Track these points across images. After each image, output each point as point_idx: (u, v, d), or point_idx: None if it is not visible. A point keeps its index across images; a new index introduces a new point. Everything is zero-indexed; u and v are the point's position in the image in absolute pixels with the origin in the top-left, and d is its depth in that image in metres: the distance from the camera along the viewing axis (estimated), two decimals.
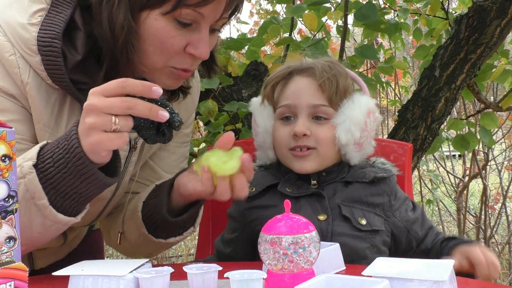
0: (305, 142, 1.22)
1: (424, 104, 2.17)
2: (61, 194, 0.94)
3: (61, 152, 0.93)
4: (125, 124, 0.90)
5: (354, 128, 1.23)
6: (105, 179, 0.95)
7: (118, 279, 0.85)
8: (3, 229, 0.73)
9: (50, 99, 1.08)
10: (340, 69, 1.30)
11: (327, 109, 1.24)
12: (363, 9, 2.01)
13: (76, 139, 0.92)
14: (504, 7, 2.08)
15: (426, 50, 2.52)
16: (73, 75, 1.05)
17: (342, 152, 1.26)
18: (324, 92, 1.24)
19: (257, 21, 4.51)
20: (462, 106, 3.57)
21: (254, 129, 1.36)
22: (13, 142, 0.74)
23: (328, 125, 1.24)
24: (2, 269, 0.71)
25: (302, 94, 1.25)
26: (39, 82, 1.06)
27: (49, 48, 1.03)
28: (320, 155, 1.24)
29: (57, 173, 0.92)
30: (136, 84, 0.90)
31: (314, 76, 1.26)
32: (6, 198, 0.73)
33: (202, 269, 0.86)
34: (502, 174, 4.01)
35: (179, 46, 1.03)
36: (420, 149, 2.19)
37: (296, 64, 1.32)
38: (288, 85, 1.29)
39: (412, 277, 0.78)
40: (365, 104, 1.26)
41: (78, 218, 0.99)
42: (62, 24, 1.04)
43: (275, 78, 1.32)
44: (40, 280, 0.98)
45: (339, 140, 1.23)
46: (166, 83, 1.09)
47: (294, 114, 1.25)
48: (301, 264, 0.83)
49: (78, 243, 1.40)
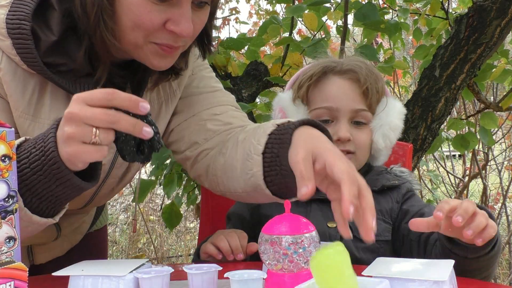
0: (347, 147, 1.21)
1: (424, 104, 2.17)
2: (37, 196, 0.90)
3: (37, 153, 0.88)
4: (105, 138, 0.84)
5: (392, 134, 1.25)
6: (82, 184, 0.90)
7: (118, 279, 0.85)
8: (3, 229, 0.73)
9: (27, 85, 1.03)
10: (377, 72, 1.30)
11: (367, 114, 1.25)
12: (363, 9, 2.01)
13: (53, 142, 0.87)
14: (504, 7, 2.08)
15: (426, 50, 2.53)
16: (48, 57, 1.00)
17: (375, 156, 1.28)
18: (367, 98, 1.25)
19: (256, 21, 4.51)
20: (462, 106, 3.56)
21: None
22: (13, 142, 0.74)
23: (367, 130, 1.25)
24: (2, 269, 0.71)
25: (345, 98, 1.24)
26: (14, 68, 1.01)
27: (18, 30, 0.98)
28: (358, 160, 1.24)
29: (33, 175, 0.88)
30: (123, 97, 0.84)
31: (357, 80, 1.25)
32: (6, 198, 0.73)
33: (202, 269, 0.86)
34: (502, 174, 4.01)
35: (158, 21, 0.96)
36: (420, 149, 2.19)
37: (330, 63, 1.29)
38: (325, 86, 1.27)
39: (412, 277, 0.78)
40: (400, 109, 1.28)
41: (56, 219, 0.95)
42: (33, 4, 0.99)
43: (309, 77, 1.28)
44: (40, 280, 0.98)
45: (377, 144, 1.24)
46: (153, 62, 1.03)
47: (334, 117, 1.23)
48: (301, 264, 0.83)
49: (80, 239, 1.39)
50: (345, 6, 2.11)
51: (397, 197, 1.23)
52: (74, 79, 1.03)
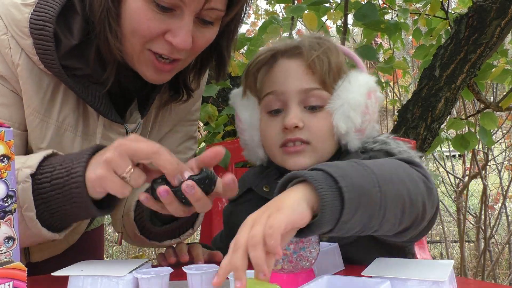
0: (297, 135, 1.06)
1: (424, 104, 2.17)
2: (50, 210, 0.91)
3: (62, 172, 0.89)
4: (135, 178, 0.85)
5: (353, 113, 1.06)
6: (95, 211, 0.91)
7: (117, 280, 0.85)
8: (1, 229, 0.73)
9: (42, 84, 1.04)
10: (330, 44, 1.13)
11: (321, 93, 1.08)
12: (363, 9, 2.01)
13: (84, 164, 0.88)
14: (504, 7, 2.08)
15: (426, 50, 2.53)
16: (66, 60, 1.01)
17: (342, 142, 1.10)
18: (315, 73, 1.08)
19: (254, 21, 4.51)
20: (462, 106, 3.56)
21: (237, 126, 1.19)
22: (12, 141, 0.74)
23: (323, 114, 1.08)
24: (1, 269, 0.71)
25: (290, 79, 1.09)
26: (31, 66, 1.02)
27: (41, 31, 0.99)
28: (316, 150, 1.08)
29: (51, 191, 0.89)
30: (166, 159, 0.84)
31: (301, 55, 1.10)
32: (4, 198, 0.73)
33: (202, 269, 0.86)
34: (502, 174, 4.01)
35: (157, 30, 0.96)
36: (420, 149, 2.18)
37: (280, 45, 1.15)
38: (273, 70, 1.12)
39: (412, 277, 0.78)
40: (364, 83, 1.09)
41: (61, 236, 0.96)
42: (58, 7, 1.00)
43: (257, 63, 1.15)
44: (39, 280, 0.98)
45: (338, 129, 1.07)
46: (147, 74, 1.03)
47: (283, 104, 1.09)
48: (300, 264, 0.83)
49: (77, 238, 1.39)
50: (345, 6, 2.11)
51: None
52: (87, 85, 1.05)
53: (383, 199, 0.78)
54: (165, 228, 1.06)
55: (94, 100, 1.06)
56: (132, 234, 1.14)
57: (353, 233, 0.80)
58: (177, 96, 1.17)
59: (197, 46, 1.02)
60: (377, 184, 0.78)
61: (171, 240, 1.12)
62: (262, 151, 1.16)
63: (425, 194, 0.87)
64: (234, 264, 0.67)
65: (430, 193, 0.89)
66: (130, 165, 0.84)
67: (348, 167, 0.79)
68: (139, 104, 1.14)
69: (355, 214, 0.75)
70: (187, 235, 1.13)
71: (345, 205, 0.73)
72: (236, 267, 0.67)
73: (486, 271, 3.57)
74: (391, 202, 0.80)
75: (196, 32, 0.99)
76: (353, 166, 0.80)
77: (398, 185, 0.82)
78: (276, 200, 0.74)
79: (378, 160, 0.88)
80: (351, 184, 0.75)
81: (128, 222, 1.14)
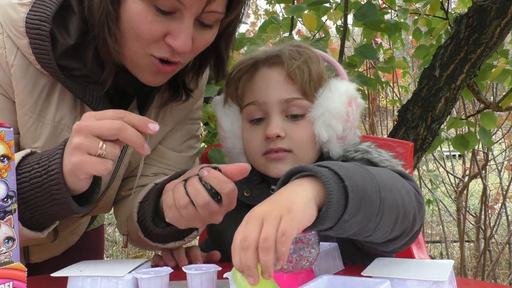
0: (278, 145, 1.07)
1: (424, 104, 2.17)
2: (30, 209, 0.90)
3: (40, 170, 0.88)
4: (111, 152, 0.85)
5: (335, 122, 1.07)
6: (76, 208, 0.90)
7: (117, 280, 0.85)
8: (1, 229, 0.73)
9: (38, 83, 1.03)
10: (310, 52, 1.13)
11: (301, 102, 1.09)
12: (363, 8, 2.01)
13: (59, 160, 0.87)
14: (504, 7, 2.08)
15: (426, 49, 2.52)
16: (63, 60, 1.00)
17: (324, 150, 1.11)
18: (296, 83, 1.09)
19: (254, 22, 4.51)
20: (462, 106, 3.57)
21: (220, 134, 1.19)
22: (12, 142, 0.74)
23: (305, 122, 1.09)
24: (1, 269, 0.71)
25: (271, 89, 1.09)
26: (27, 66, 1.01)
27: (37, 31, 0.98)
28: (298, 158, 1.08)
29: (30, 190, 0.88)
30: (134, 117, 0.86)
31: (281, 65, 1.10)
32: (4, 198, 0.73)
33: (201, 269, 0.86)
34: (502, 174, 4.01)
35: (157, 33, 0.95)
36: (420, 149, 2.18)
37: (260, 53, 1.16)
38: (254, 79, 1.13)
39: (412, 277, 0.78)
40: (344, 91, 1.10)
41: (44, 234, 0.95)
42: (54, 7, 1.00)
43: (238, 72, 1.16)
44: (39, 280, 0.98)
45: (319, 137, 1.08)
46: (146, 77, 1.03)
47: (265, 113, 1.10)
48: (300, 264, 0.83)
49: (77, 239, 1.39)
50: (345, 6, 2.11)
51: None
52: (85, 85, 1.04)
53: (381, 205, 0.79)
54: (168, 229, 1.04)
55: (92, 100, 1.05)
56: (136, 237, 1.13)
57: (349, 234, 0.81)
58: (176, 95, 1.17)
59: (196, 48, 1.01)
60: (377, 190, 0.79)
61: (175, 242, 1.09)
62: (244, 158, 1.17)
63: (416, 207, 0.89)
64: (246, 264, 0.68)
65: (420, 207, 0.91)
66: (100, 142, 0.84)
67: (351, 167, 0.80)
68: (138, 104, 1.14)
69: (356, 215, 0.76)
70: (192, 237, 1.10)
71: (349, 204, 0.74)
72: (248, 266, 0.68)
73: (486, 271, 3.57)
74: (387, 209, 0.81)
75: (196, 34, 0.98)
76: (356, 168, 0.81)
77: (395, 194, 0.83)
78: (285, 196, 0.74)
79: (375, 168, 0.88)
80: (355, 185, 0.76)
81: (132, 225, 1.13)
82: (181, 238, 1.09)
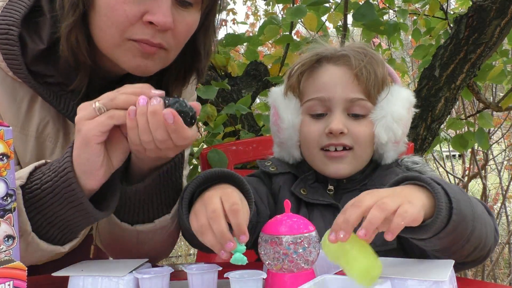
0: (341, 140, 1.09)
1: (424, 104, 2.17)
2: (47, 220, 0.87)
3: (51, 174, 0.86)
4: (107, 103, 0.83)
5: (396, 125, 1.10)
6: (94, 211, 0.88)
7: (117, 279, 0.85)
8: (1, 227, 0.73)
9: (16, 95, 0.99)
10: (375, 55, 1.16)
11: (365, 103, 1.11)
12: (361, 9, 2.01)
13: (69, 162, 0.85)
14: (504, 7, 2.08)
15: (425, 49, 2.53)
16: (36, 66, 0.97)
17: (379, 152, 1.14)
18: (361, 83, 1.11)
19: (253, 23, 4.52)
20: (461, 106, 3.57)
21: (276, 125, 1.18)
22: (11, 140, 0.74)
23: (366, 122, 1.11)
24: (1, 268, 0.71)
25: (337, 86, 1.11)
26: (3, 77, 0.98)
27: (6, 36, 0.95)
28: (357, 156, 1.11)
29: (43, 197, 0.85)
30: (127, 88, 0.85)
31: (349, 64, 1.12)
32: (4, 196, 0.73)
33: (202, 269, 0.86)
34: (502, 174, 4.01)
35: (133, 13, 0.91)
36: (420, 149, 2.19)
37: (325, 50, 1.17)
38: (318, 75, 1.14)
39: (412, 277, 0.77)
40: (406, 97, 1.13)
41: (66, 248, 0.92)
42: (23, 10, 0.97)
43: (301, 66, 1.17)
44: (40, 280, 0.97)
45: (379, 138, 1.10)
46: (131, 64, 0.97)
47: (327, 109, 1.12)
48: (301, 264, 0.83)
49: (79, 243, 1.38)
50: (345, 6, 2.11)
51: None
52: (61, 94, 1.00)
53: (470, 233, 0.87)
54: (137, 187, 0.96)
55: (68, 109, 1.01)
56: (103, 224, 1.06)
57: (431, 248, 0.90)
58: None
59: (179, 33, 0.97)
60: (472, 219, 0.87)
61: (144, 224, 1.00)
62: (298, 151, 1.17)
63: (493, 243, 0.97)
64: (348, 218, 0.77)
65: (495, 244, 0.98)
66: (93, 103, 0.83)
67: (457, 190, 0.87)
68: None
69: (449, 235, 0.85)
70: (163, 221, 1.01)
71: (448, 225, 0.83)
72: (348, 220, 0.77)
73: (486, 271, 3.57)
74: (473, 238, 0.89)
75: (176, 15, 0.94)
76: (461, 193, 0.88)
77: (482, 226, 0.91)
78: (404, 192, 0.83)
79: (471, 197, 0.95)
80: (459, 210, 0.83)
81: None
82: (151, 220, 1.01)
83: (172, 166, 0.98)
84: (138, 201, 0.99)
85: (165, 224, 1.02)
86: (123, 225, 1.01)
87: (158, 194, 0.99)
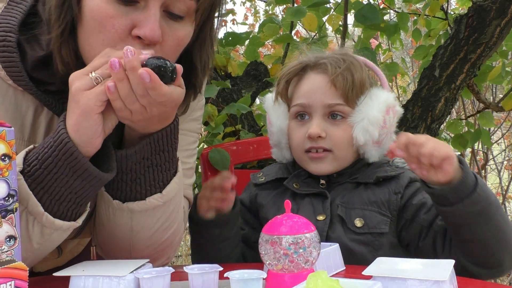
0: (320, 144, 1.19)
1: (424, 104, 2.17)
2: (55, 197, 0.87)
3: (47, 151, 0.86)
4: (102, 73, 0.85)
5: (372, 128, 1.17)
6: (100, 174, 0.88)
7: (118, 279, 0.85)
8: (3, 228, 0.73)
9: (19, 107, 0.97)
10: (354, 61, 1.23)
11: (343, 108, 1.19)
12: (363, 10, 2.00)
13: (65, 133, 0.85)
14: (504, 7, 2.08)
15: (426, 50, 2.53)
16: (36, 73, 0.96)
17: (360, 152, 1.22)
18: (338, 89, 1.18)
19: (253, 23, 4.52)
20: (461, 106, 3.57)
21: (268, 128, 1.31)
22: (13, 141, 0.74)
23: (345, 125, 1.19)
24: (3, 268, 0.71)
25: (316, 93, 1.20)
26: (5, 89, 0.96)
27: (3, 43, 0.94)
28: (337, 157, 1.20)
29: (47, 174, 0.85)
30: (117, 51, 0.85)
31: (326, 72, 1.20)
32: (6, 197, 0.73)
33: (203, 269, 0.86)
34: (502, 174, 4.01)
35: (122, 27, 0.88)
36: None
37: (309, 59, 1.26)
38: (302, 82, 1.24)
39: (412, 277, 0.78)
40: (383, 100, 1.19)
41: (79, 222, 0.92)
42: (20, 16, 0.96)
43: (288, 74, 1.26)
44: (41, 280, 0.98)
45: (357, 140, 1.18)
46: None
47: (309, 114, 1.21)
48: (301, 264, 0.83)
49: (82, 249, 1.35)
50: (345, 6, 2.11)
51: (395, 188, 1.16)
52: (63, 101, 0.97)
53: (493, 218, 1.01)
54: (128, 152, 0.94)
55: None
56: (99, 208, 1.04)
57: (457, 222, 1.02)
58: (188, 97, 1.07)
59: (169, 46, 0.94)
60: (496, 207, 1.02)
61: (135, 202, 0.98)
62: (288, 152, 1.29)
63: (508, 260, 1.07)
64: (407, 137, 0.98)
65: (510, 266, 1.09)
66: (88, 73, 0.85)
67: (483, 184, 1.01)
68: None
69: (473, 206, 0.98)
70: (156, 199, 0.99)
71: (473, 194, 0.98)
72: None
73: None
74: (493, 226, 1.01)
75: (166, 27, 0.91)
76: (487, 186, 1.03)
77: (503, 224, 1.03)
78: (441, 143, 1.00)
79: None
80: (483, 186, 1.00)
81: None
82: (143, 198, 0.99)
83: (164, 135, 0.96)
84: (130, 173, 0.96)
85: (157, 204, 0.99)
86: (115, 204, 0.98)
87: (150, 167, 0.97)
